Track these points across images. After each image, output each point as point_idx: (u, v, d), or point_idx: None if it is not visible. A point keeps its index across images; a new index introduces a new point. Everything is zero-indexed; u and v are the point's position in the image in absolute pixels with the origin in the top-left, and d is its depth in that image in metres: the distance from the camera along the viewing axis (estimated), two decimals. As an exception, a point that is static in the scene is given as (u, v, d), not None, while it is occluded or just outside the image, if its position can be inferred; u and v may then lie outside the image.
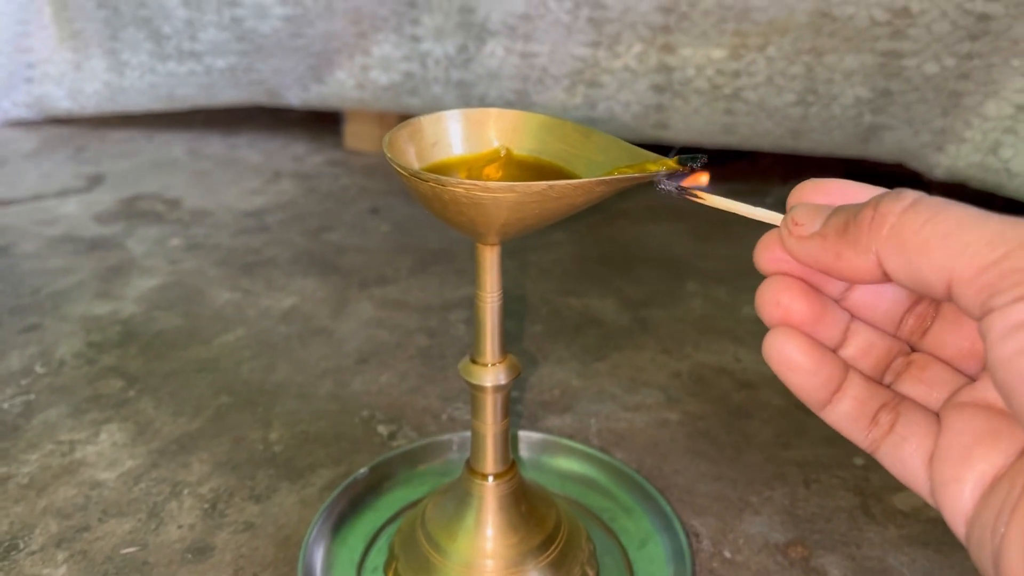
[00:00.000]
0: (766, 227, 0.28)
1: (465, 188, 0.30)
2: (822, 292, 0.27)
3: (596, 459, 0.49)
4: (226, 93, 1.04)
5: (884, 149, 0.84)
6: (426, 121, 0.36)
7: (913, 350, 0.28)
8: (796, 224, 0.25)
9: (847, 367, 0.27)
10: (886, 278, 0.23)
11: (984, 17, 0.72)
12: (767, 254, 0.27)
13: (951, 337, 0.26)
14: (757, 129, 0.85)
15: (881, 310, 0.28)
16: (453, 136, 0.37)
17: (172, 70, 1.03)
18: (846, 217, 0.23)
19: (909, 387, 0.27)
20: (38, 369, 0.60)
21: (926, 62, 0.76)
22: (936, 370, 0.27)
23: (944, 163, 0.81)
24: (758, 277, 0.28)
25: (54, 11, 1.05)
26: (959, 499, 0.23)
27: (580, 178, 0.34)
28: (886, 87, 0.78)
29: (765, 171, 1.00)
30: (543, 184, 0.30)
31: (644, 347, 0.64)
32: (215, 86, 1.03)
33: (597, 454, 0.49)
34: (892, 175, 0.93)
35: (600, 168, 0.34)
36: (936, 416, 0.26)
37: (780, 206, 0.28)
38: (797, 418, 0.55)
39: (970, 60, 0.75)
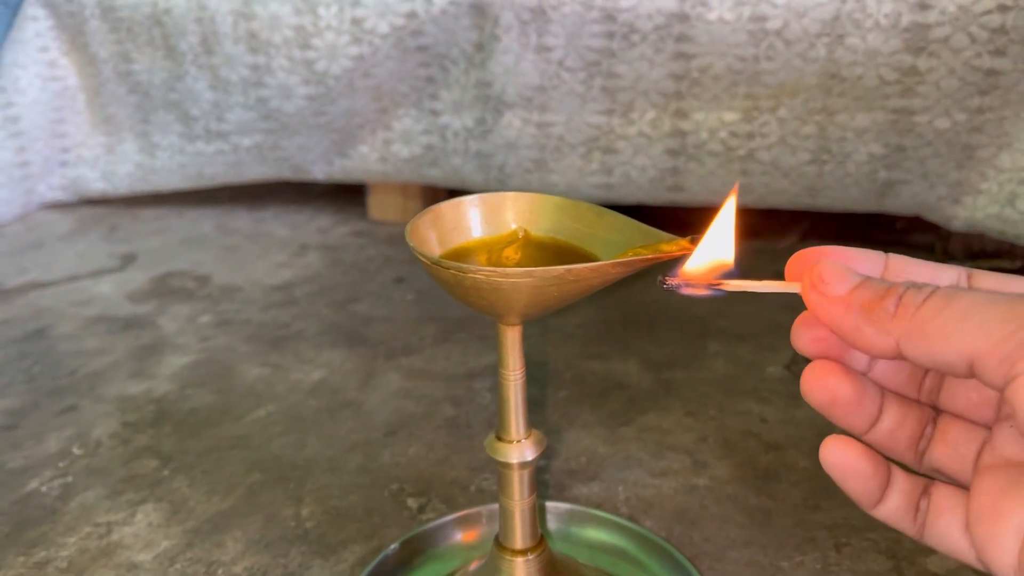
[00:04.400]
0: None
1: (485, 275, 0.31)
2: (856, 370, 0.29)
3: (625, 528, 0.49)
4: (253, 170, 1.08)
5: (901, 203, 0.85)
6: (446, 207, 0.37)
7: (936, 412, 0.29)
8: (821, 281, 0.26)
9: (890, 464, 0.29)
10: (900, 356, 0.25)
11: (992, 72, 0.73)
12: (807, 334, 0.28)
13: (961, 389, 0.28)
14: (773, 188, 0.86)
15: (904, 375, 0.29)
16: (472, 220, 0.38)
17: (201, 150, 1.06)
18: (871, 298, 0.25)
19: (938, 451, 0.29)
20: (75, 451, 0.61)
21: (937, 117, 0.77)
22: (956, 430, 0.28)
23: (962, 215, 0.81)
24: (780, 336, 0.29)
25: (87, 98, 1.10)
26: (1003, 553, 0.24)
27: (596, 257, 0.36)
28: (899, 143, 0.79)
29: (784, 227, 1.01)
30: (560, 268, 0.31)
31: (669, 410, 0.64)
32: (242, 164, 1.07)
33: (626, 523, 0.49)
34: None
35: (615, 247, 0.35)
36: (962, 488, 0.28)
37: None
38: (825, 480, 0.55)
39: (981, 114, 0.76)
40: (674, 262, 0.31)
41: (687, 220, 0.35)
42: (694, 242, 0.32)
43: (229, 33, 0.95)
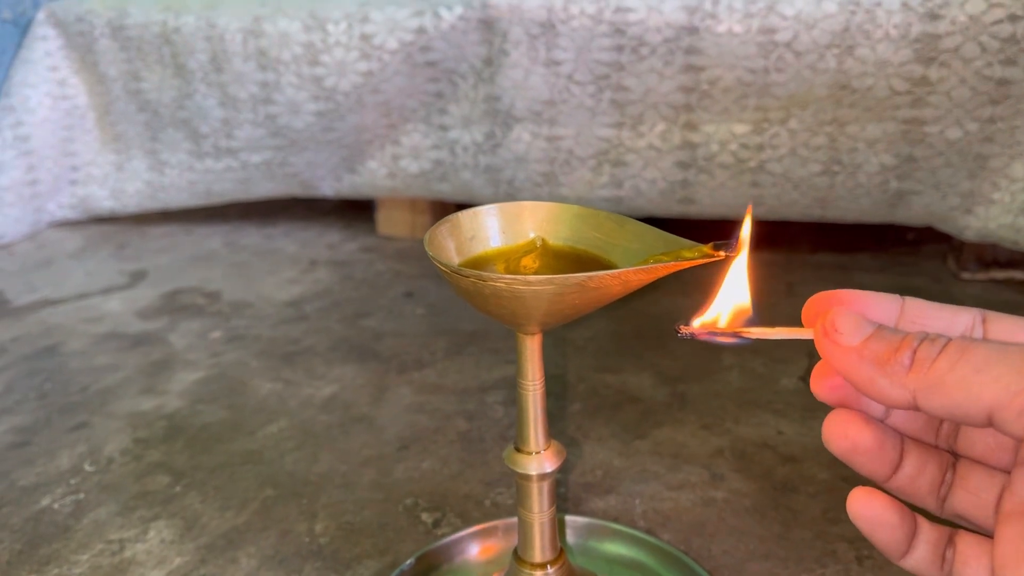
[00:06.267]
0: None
1: (506, 283, 0.31)
2: (874, 417, 0.29)
3: (643, 542, 0.49)
4: (262, 186, 1.08)
5: (912, 213, 0.84)
6: (464, 217, 0.37)
7: (955, 456, 0.29)
8: (834, 330, 0.26)
9: (915, 515, 0.29)
10: (915, 408, 0.25)
11: (1004, 82, 0.73)
12: (825, 382, 0.28)
13: (978, 434, 0.28)
14: (784, 200, 0.86)
15: (921, 421, 0.30)
16: (490, 229, 0.38)
17: (210, 167, 1.06)
18: (885, 350, 0.25)
19: (959, 497, 0.29)
20: (87, 467, 0.61)
21: (949, 127, 0.76)
22: (976, 476, 0.28)
23: (974, 225, 0.81)
24: (793, 348, 0.28)
25: (97, 116, 1.10)
26: None
27: (615, 265, 0.35)
28: (910, 153, 0.79)
29: (794, 239, 1.01)
30: (582, 275, 0.31)
31: (684, 423, 0.64)
32: (251, 180, 1.07)
33: (644, 537, 0.49)
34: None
35: (635, 256, 0.35)
36: (986, 536, 0.28)
37: (809, 270, 0.28)
38: (844, 492, 0.54)
39: (993, 124, 0.75)
40: (692, 312, 0.31)
41: (699, 232, 0.35)
42: (717, 249, 0.32)
43: (238, 51, 0.95)
